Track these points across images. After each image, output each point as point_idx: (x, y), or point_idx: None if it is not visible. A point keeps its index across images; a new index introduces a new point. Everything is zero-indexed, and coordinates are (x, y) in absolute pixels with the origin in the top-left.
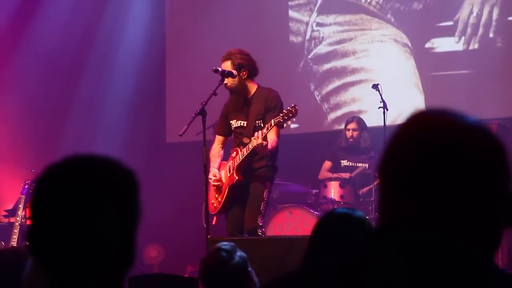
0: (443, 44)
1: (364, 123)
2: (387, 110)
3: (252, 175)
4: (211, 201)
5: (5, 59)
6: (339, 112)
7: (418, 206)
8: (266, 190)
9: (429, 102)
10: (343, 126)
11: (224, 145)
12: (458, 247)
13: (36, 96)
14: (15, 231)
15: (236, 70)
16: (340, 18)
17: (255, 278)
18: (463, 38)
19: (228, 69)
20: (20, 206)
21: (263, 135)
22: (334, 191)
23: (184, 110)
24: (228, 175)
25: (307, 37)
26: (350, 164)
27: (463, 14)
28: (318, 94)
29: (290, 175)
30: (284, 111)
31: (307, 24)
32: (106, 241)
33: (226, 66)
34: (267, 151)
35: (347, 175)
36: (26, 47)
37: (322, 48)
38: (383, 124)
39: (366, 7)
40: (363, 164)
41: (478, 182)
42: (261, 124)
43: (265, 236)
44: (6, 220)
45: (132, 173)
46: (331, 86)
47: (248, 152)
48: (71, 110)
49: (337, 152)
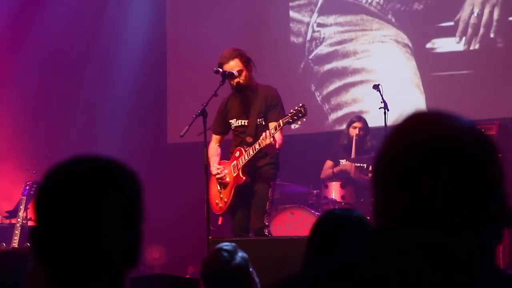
0: (444, 45)
1: (368, 125)
2: (388, 110)
3: (255, 173)
4: (215, 201)
5: (5, 60)
6: (340, 113)
7: (413, 207)
8: (270, 189)
9: (430, 103)
10: (344, 127)
11: (221, 143)
12: (454, 247)
13: (37, 97)
14: (16, 232)
15: (245, 66)
16: (341, 19)
17: (256, 278)
18: (464, 39)
19: (237, 67)
20: (21, 207)
21: (272, 135)
22: (335, 192)
23: (185, 111)
24: (234, 175)
25: (308, 37)
26: (347, 162)
27: (464, 15)
28: (319, 94)
29: (291, 175)
30: (292, 110)
31: (308, 24)
32: (110, 242)
33: (236, 64)
34: (276, 150)
35: (350, 166)
36: (26, 49)
37: (323, 49)
38: (384, 124)
39: (367, 7)
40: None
41: (472, 183)
42: (262, 122)
43: (269, 236)
44: (7, 221)
45: (135, 174)
46: (332, 87)
47: (255, 152)
48: (72, 111)
49: (337, 151)
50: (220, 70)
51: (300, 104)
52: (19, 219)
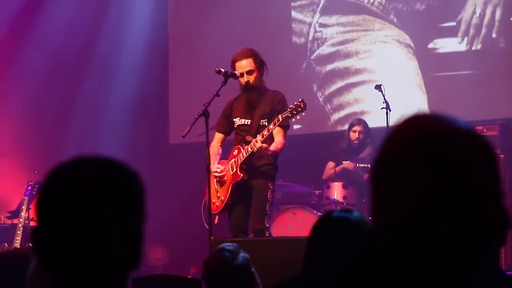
0: (446, 45)
1: (368, 127)
2: (390, 110)
3: (254, 173)
4: (212, 200)
5: (7, 60)
6: (342, 113)
7: (410, 208)
8: (269, 191)
9: (432, 103)
10: (346, 127)
11: (223, 143)
12: (453, 247)
13: (39, 97)
14: (18, 232)
15: (257, 67)
16: (343, 19)
17: (258, 279)
18: (466, 39)
19: (249, 66)
20: (23, 207)
21: (264, 137)
22: (337, 192)
23: (187, 111)
24: (232, 172)
25: (310, 38)
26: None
27: (466, 15)
28: (321, 95)
29: (293, 176)
30: (291, 105)
31: (310, 25)
32: (111, 242)
33: (248, 64)
34: (268, 153)
35: (350, 164)
36: (28, 50)
37: (325, 49)
38: (386, 125)
39: (369, 7)
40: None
41: (469, 184)
42: (265, 124)
43: (270, 237)
44: (9, 222)
45: (137, 175)
46: (334, 87)
47: (249, 153)
48: (74, 112)
49: (339, 154)
50: (222, 71)
51: (300, 99)
52: (21, 220)
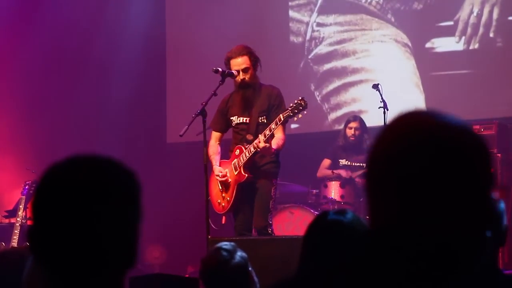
0: (444, 44)
1: (365, 124)
2: (387, 110)
3: (257, 172)
4: (218, 200)
5: (5, 59)
6: (339, 112)
7: (405, 209)
8: (273, 188)
9: (429, 102)
10: (343, 126)
11: (221, 141)
12: (450, 248)
13: (36, 97)
14: (16, 231)
15: (253, 65)
16: (341, 18)
17: (255, 278)
18: (464, 38)
19: (245, 64)
20: (20, 206)
21: (266, 136)
22: (334, 191)
23: (184, 111)
24: (235, 173)
25: (308, 37)
26: (349, 163)
27: (463, 14)
28: (318, 94)
29: (290, 175)
30: (292, 104)
31: (308, 24)
32: (107, 241)
33: (244, 61)
34: (272, 151)
35: (347, 173)
36: (26, 48)
37: (323, 48)
38: (383, 124)
39: (367, 7)
40: (361, 164)
41: (462, 184)
42: (264, 121)
43: (272, 234)
44: (7, 221)
45: (134, 174)
46: (332, 86)
47: (252, 152)
48: (71, 111)
49: (335, 151)
50: (220, 70)
51: (300, 98)
52: (18, 219)
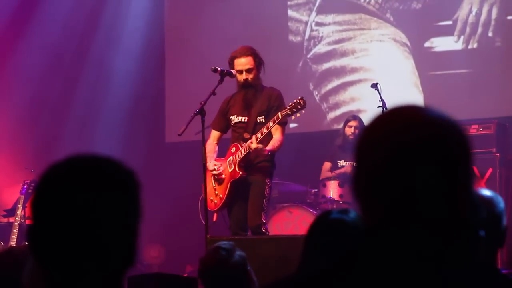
0: (442, 43)
1: (364, 123)
2: (386, 109)
3: (251, 169)
4: (210, 197)
5: (3, 59)
6: (338, 112)
7: (395, 207)
8: (267, 187)
9: (428, 101)
10: (342, 126)
11: (219, 141)
12: (446, 245)
13: (35, 96)
14: (14, 230)
15: (256, 66)
16: (339, 18)
17: (254, 277)
18: (462, 37)
19: (249, 64)
20: (19, 205)
21: (263, 134)
22: (333, 191)
23: (183, 110)
24: (230, 170)
25: (306, 36)
26: (347, 164)
27: (462, 13)
28: (317, 93)
29: (289, 174)
30: (291, 103)
31: (306, 23)
32: (107, 241)
33: (248, 62)
34: (265, 153)
35: (348, 168)
36: (24, 48)
37: (321, 48)
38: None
39: (365, 6)
40: None
41: (451, 180)
42: (262, 121)
43: (267, 234)
44: (5, 220)
45: (133, 173)
46: (330, 86)
47: (247, 151)
48: (70, 110)
49: (334, 152)
50: (218, 69)
51: (300, 97)
52: (17, 218)
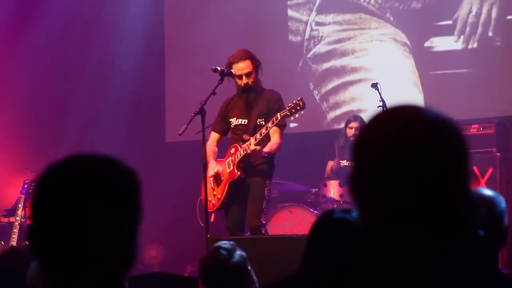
0: (442, 43)
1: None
2: (385, 109)
3: (250, 171)
4: (209, 198)
5: (4, 58)
6: (338, 111)
7: (395, 208)
8: (266, 189)
9: (428, 101)
10: (342, 125)
11: (218, 143)
12: (434, 247)
13: (35, 96)
14: (15, 230)
15: (255, 68)
16: (339, 17)
17: (254, 277)
18: (462, 37)
19: (247, 68)
20: (19, 205)
21: (262, 135)
22: (333, 190)
23: (183, 110)
24: (228, 171)
25: (306, 36)
26: (350, 164)
27: (462, 13)
28: (317, 93)
29: (289, 174)
30: (290, 104)
31: (306, 23)
32: (107, 241)
33: (246, 65)
34: (262, 155)
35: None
36: (25, 48)
37: (321, 47)
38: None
39: (365, 6)
40: None
41: (449, 180)
42: (262, 123)
43: (266, 234)
44: (6, 220)
45: (134, 173)
46: (330, 85)
47: (245, 152)
48: (70, 110)
49: (336, 151)
50: (219, 69)
51: (299, 98)
52: (17, 218)
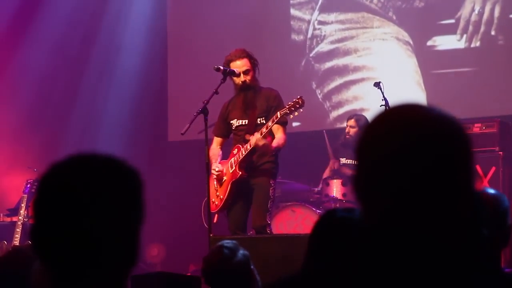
0: (445, 42)
1: (367, 121)
2: (388, 108)
3: (255, 171)
4: (212, 199)
5: (7, 58)
6: (341, 110)
7: (398, 206)
8: (271, 188)
9: (431, 100)
10: (345, 124)
11: (222, 146)
12: (438, 246)
13: (38, 95)
14: (18, 230)
15: (252, 67)
16: (342, 16)
17: (257, 276)
18: (465, 36)
19: (245, 66)
20: (22, 205)
21: (263, 134)
22: (336, 189)
23: (186, 109)
24: (231, 171)
25: (309, 35)
26: (349, 162)
27: (465, 12)
28: (320, 92)
29: (292, 173)
30: (290, 103)
31: (309, 22)
32: (109, 240)
33: (244, 64)
34: (270, 149)
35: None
36: (28, 47)
37: (324, 47)
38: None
39: (368, 5)
40: None
41: (453, 179)
42: (263, 122)
43: (269, 234)
44: (9, 219)
45: (137, 172)
46: (333, 84)
47: (248, 150)
48: (73, 109)
49: (337, 150)
50: (221, 68)
51: (298, 96)
52: (20, 217)
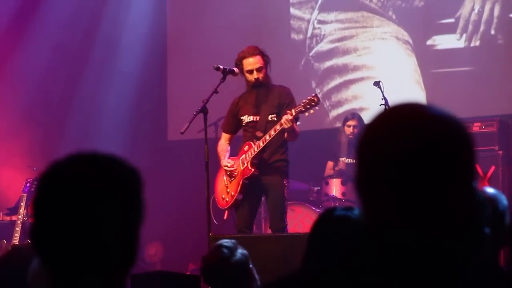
0: (445, 41)
1: (364, 120)
2: (388, 107)
3: (267, 169)
4: (222, 195)
5: (7, 56)
6: (340, 110)
7: (401, 205)
8: (285, 188)
9: (430, 99)
10: (341, 124)
11: (230, 142)
12: (439, 245)
13: (38, 94)
14: (17, 229)
15: (265, 64)
16: (342, 16)
17: (256, 275)
18: (465, 35)
19: (258, 63)
20: (22, 204)
21: (271, 136)
22: (335, 189)
23: (185, 108)
24: (242, 168)
25: (309, 34)
26: (350, 161)
27: (465, 11)
28: (319, 91)
29: (291, 172)
30: (304, 100)
31: (309, 21)
32: (109, 239)
33: (257, 61)
34: (296, 136)
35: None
36: (28, 46)
37: (324, 46)
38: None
39: (368, 4)
40: None
41: (455, 178)
42: (274, 119)
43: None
44: (8, 218)
45: (136, 171)
46: (333, 84)
47: (260, 147)
48: (73, 108)
49: (336, 150)
50: (221, 67)
51: (313, 94)
52: (19, 216)
